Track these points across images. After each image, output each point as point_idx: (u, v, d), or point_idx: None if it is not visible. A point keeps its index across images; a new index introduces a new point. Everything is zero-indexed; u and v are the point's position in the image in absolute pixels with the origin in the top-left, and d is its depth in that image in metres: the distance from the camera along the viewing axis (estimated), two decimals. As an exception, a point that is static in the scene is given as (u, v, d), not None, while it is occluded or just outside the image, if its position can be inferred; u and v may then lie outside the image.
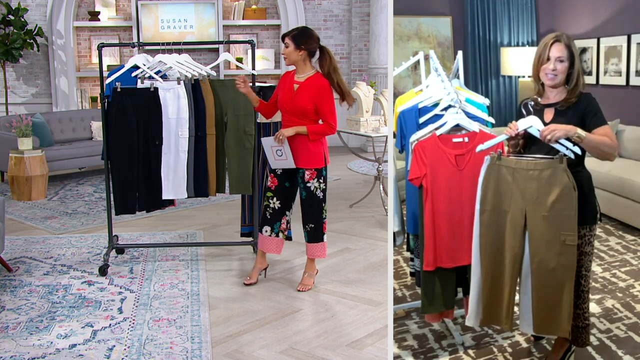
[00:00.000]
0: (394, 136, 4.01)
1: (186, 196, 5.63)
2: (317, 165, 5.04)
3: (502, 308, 3.63)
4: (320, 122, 5.02)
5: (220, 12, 11.93)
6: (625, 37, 4.12)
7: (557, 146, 3.39)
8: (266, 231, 5.20)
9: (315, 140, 4.99)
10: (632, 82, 4.11)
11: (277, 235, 5.21)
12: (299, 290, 5.19)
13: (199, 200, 7.59)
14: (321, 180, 5.09)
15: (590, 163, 3.55)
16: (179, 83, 5.48)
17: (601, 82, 4.26)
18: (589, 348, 3.85)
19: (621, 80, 4.17)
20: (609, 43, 4.21)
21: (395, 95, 4.17)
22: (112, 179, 5.54)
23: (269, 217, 5.18)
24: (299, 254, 5.98)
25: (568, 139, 3.36)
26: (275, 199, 5.15)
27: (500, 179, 3.51)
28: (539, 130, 3.42)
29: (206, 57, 11.91)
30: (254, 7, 12.08)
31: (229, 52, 10.95)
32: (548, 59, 3.44)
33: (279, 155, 5.01)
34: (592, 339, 3.87)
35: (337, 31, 12.40)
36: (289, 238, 5.46)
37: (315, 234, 5.16)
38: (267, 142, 5.02)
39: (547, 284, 3.50)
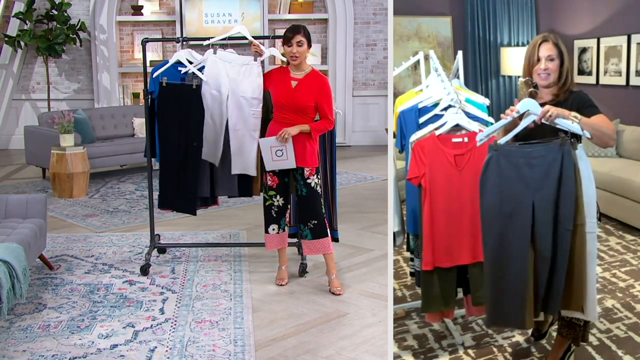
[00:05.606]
0: (394, 136, 4.07)
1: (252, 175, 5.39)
2: (316, 164, 5.04)
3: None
4: (316, 118, 5.03)
5: (265, 5, 11.81)
6: (625, 37, 4.18)
7: (560, 122, 3.34)
8: (273, 229, 5.18)
9: (315, 137, 5.01)
10: (632, 82, 4.17)
11: (284, 230, 5.22)
12: (338, 294, 5.06)
13: (242, 200, 7.50)
14: (319, 176, 5.10)
15: (591, 164, 3.59)
16: (255, 59, 5.31)
17: (601, 82, 4.32)
18: (589, 348, 3.86)
19: (621, 80, 4.23)
20: (609, 43, 4.27)
21: (395, 95, 4.21)
22: (159, 174, 5.46)
23: (275, 215, 5.16)
24: (345, 256, 5.86)
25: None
26: (278, 196, 5.12)
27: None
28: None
29: (251, 52, 11.75)
30: (300, 0, 11.95)
31: (275, 47, 10.81)
32: (538, 60, 3.52)
33: (278, 155, 4.95)
34: (592, 339, 3.88)
35: (387, 25, 12.13)
36: (335, 239, 5.36)
37: (320, 230, 5.08)
38: (267, 142, 4.95)
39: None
